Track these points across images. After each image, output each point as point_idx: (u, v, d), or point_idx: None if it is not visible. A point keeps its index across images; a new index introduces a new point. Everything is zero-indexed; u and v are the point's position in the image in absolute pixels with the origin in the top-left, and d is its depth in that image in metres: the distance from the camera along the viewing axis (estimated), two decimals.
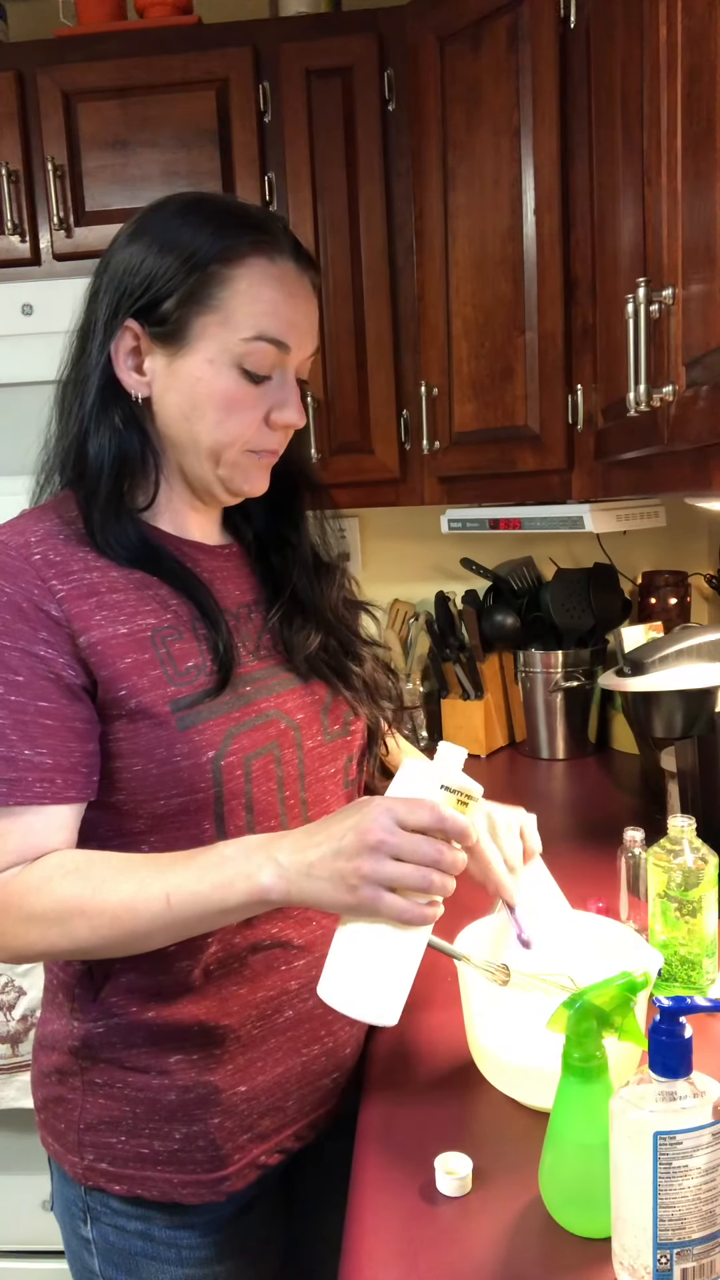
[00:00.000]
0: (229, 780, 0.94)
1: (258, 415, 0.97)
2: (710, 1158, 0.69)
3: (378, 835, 0.79)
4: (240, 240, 0.93)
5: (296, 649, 1.04)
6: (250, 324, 0.93)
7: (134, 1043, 0.97)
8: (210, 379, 0.94)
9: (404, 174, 1.93)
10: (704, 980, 1.11)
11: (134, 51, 1.92)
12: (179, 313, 0.93)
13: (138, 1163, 0.98)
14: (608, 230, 1.44)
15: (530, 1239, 0.80)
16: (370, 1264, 0.79)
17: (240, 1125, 0.99)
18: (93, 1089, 0.99)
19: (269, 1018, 1.00)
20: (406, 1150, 0.90)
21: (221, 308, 0.93)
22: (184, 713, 0.92)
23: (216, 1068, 0.97)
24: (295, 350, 0.97)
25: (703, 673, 1.54)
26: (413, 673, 2.28)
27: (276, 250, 0.95)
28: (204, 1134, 0.97)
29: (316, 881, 0.81)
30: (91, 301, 0.98)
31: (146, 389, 0.96)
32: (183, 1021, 0.96)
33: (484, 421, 1.84)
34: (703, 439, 0.99)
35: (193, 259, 0.92)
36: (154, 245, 0.94)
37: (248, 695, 0.98)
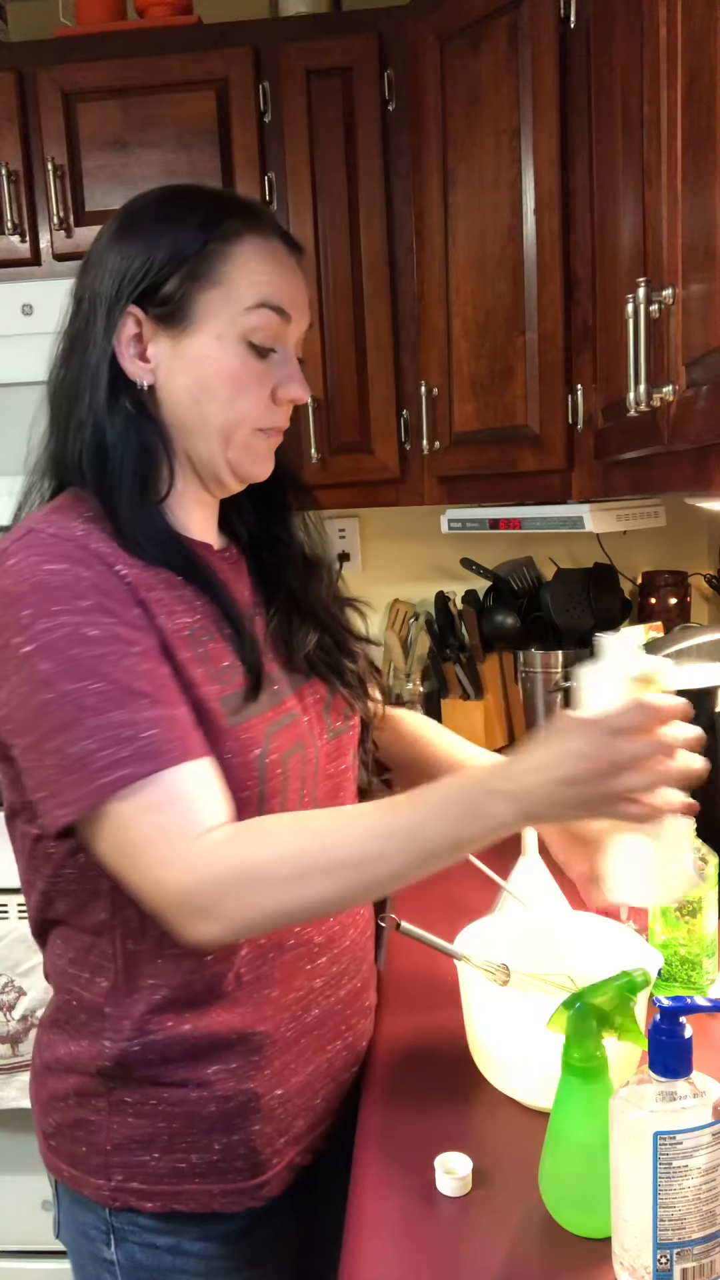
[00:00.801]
0: (271, 778, 0.94)
1: (265, 392, 0.97)
2: (710, 1158, 0.69)
3: (607, 758, 0.81)
4: (235, 219, 0.95)
5: (296, 648, 1.03)
6: (253, 293, 0.94)
7: (171, 1057, 0.95)
8: (218, 356, 0.94)
9: (404, 174, 1.93)
10: (704, 980, 1.11)
11: (134, 51, 1.92)
12: (182, 291, 0.93)
13: (173, 1178, 0.96)
14: (608, 230, 1.44)
15: (530, 1239, 0.80)
16: (370, 1264, 0.79)
17: (278, 1129, 0.98)
18: (120, 1109, 0.96)
19: (299, 1018, 1.00)
20: (406, 1150, 0.90)
21: (224, 281, 0.94)
22: (230, 711, 0.92)
23: (255, 1074, 0.96)
24: (295, 321, 0.98)
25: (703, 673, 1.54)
26: (413, 673, 2.28)
27: (267, 229, 0.97)
28: (244, 1142, 0.96)
29: (556, 809, 0.85)
30: (82, 298, 0.97)
31: (151, 376, 0.95)
32: (220, 1031, 0.95)
33: (484, 421, 1.84)
34: (703, 439, 0.99)
35: (191, 240, 0.93)
36: (147, 233, 0.94)
37: (277, 694, 0.98)
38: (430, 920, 1.00)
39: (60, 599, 0.85)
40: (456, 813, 0.85)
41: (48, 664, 0.84)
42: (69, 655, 0.84)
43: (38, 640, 0.84)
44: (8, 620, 0.86)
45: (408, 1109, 0.97)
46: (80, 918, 0.96)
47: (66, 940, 0.98)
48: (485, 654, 2.18)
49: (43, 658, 0.84)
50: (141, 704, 0.84)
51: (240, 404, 0.96)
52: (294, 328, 0.98)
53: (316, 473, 2.01)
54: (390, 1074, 1.03)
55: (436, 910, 1.15)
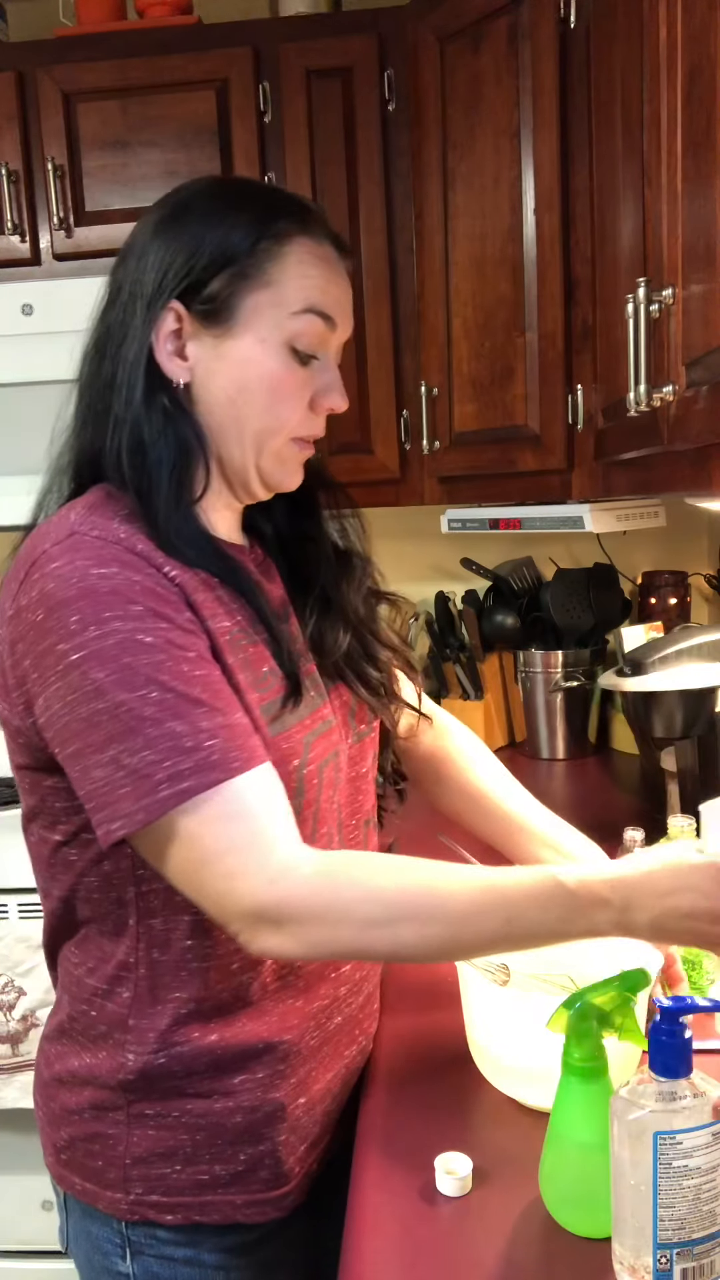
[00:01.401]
0: (309, 789, 0.92)
1: (304, 399, 0.95)
2: (710, 1158, 0.69)
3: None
4: (288, 219, 0.92)
5: (328, 651, 1.01)
6: (302, 297, 0.91)
7: (197, 1069, 0.93)
8: (261, 359, 0.91)
9: (404, 174, 1.93)
10: (704, 980, 1.11)
11: (134, 51, 1.92)
12: (229, 290, 0.90)
13: (195, 1190, 0.94)
14: (608, 230, 1.44)
15: (530, 1239, 0.80)
16: (370, 1264, 0.79)
17: (302, 1137, 0.98)
18: (140, 1121, 0.94)
19: (323, 1025, 0.99)
20: (406, 1150, 0.90)
21: (273, 283, 0.91)
22: (272, 720, 0.90)
23: (281, 1084, 0.95)
24: (339, 328, 0.96)
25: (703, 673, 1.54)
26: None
27: (320, 231, 0.94)
28: (270, 1152, 0.95)
29: (661, 934, 0.85)
30: (120, 289, 0.93)
31: (188, 374, 0.92)
32: (246, 1041, 0.93)
33: (484, 421, 1.84)
34: (703, 439, 0.99)
35: (242, 237, 0.90)
36: (195, 226, 0.91)
37: (313, 700, 0.96)
38: None
39: (111, 605, 0.82)
40: (560, 909, 0.83)
41: (101, 672, 0.81)
42: (123, 663, 0.81)
43: (88, 648, 0.81)
44: (52, 625, 0.82)
45: (408, 1109, 0.97)
46: (102, 926, 0.94)
47: (85, 950, 0.96)
48: (485, 654, 2.18)
49: (95, 665, 0.81)
50: (200, 712, 0.81)
51: (279, 411, 0.93)
52: (338, 335, 0.96)
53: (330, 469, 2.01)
54: (390, 1074, 1.02)
55: None
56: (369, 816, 1.07)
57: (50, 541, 0.85)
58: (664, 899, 0.83)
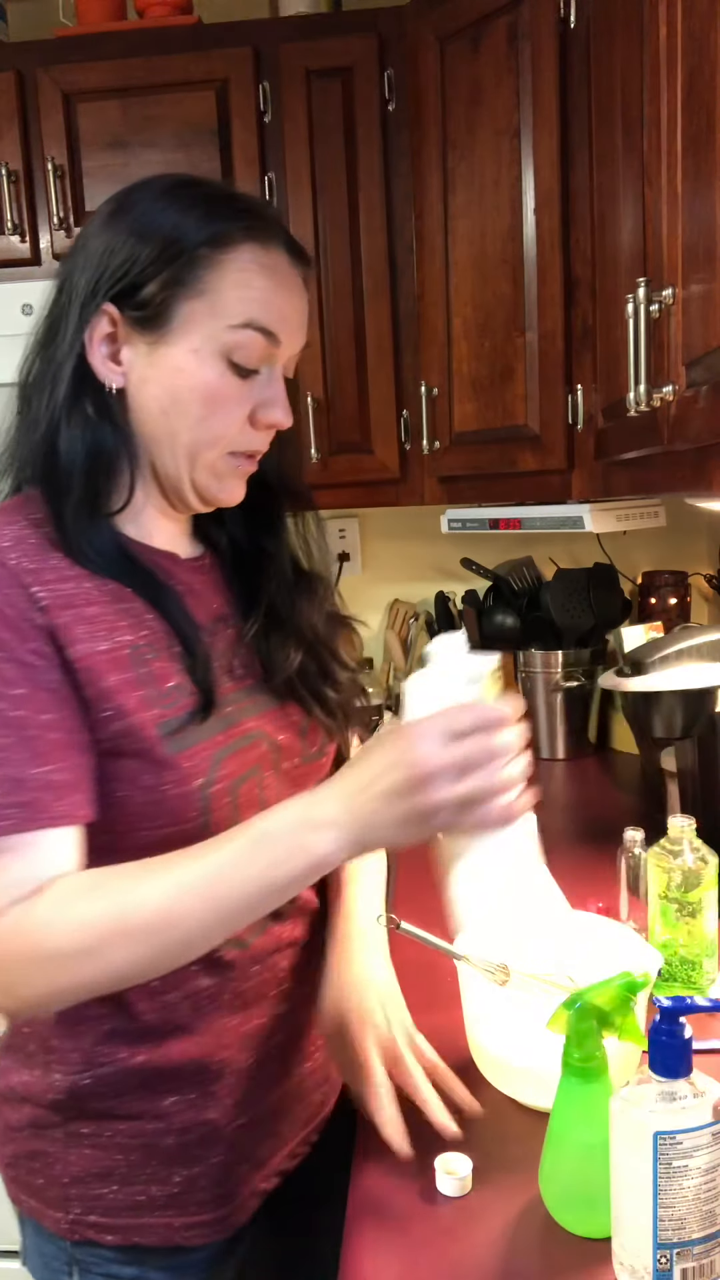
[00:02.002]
0: (216, 809, 0.88)
1: (242, 413, 0.90)
2: (710, 1158, 0.69)
3: (431, 763, 0.74)
4: (233, 225, 0.87)
5: (276, 668, 0.97)
6: (240, 310, 0.87)
7: (124, 1090, 0.90)
8: (193, 370, 0.87)
9: (404, 174, 1.93)
10: (704, 980, 1.11)
11: (134, 51, 1.92)
12: (162, 296, 0.86)
13: (133, 1211, 0.92)
14: (608, 230, 1.44)
15: (530, 1239, 0.80)
16: (370, 1264, 0.79)
17: (240, 1157, 0.95)
18: (76, 1140, 0.92)
19: (262, 1044, 0.96)
20: None
21: (210, 293, 0.86)
22: (171, 737, 0.86)
23: (214, 1104, 0.93)
24: (285, 344, 0.91)
25: (703, 673, 1.54)
26: (413, 673, 2.27)
27: (271, 238, 0.89)
28: (206, 1173, 0.93)
29: (382, 830, 0.76)
30: (63, 287, 0.90)
31: (122, 379, 0.89)
32: (176, 1062, 0.91)
33: (484, 421, 1.84)
34: (703, 439, 0.99)
35: (180, 241, 0.86)
36: (137, 225, 0.87)
37: (231, 716, 0.92)
38: (430, 920, 1.00)
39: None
40: (265, 856, 0.77)
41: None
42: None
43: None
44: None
45: (408, 1109, 0.96)
46: None
47: None
48: None
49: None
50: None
51: (212, 424, 0.89)
52: (284, 349, 0.91)
53: (317, 473, 2.01)
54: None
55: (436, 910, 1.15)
56: None
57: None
58: (372, 787, 0.76)
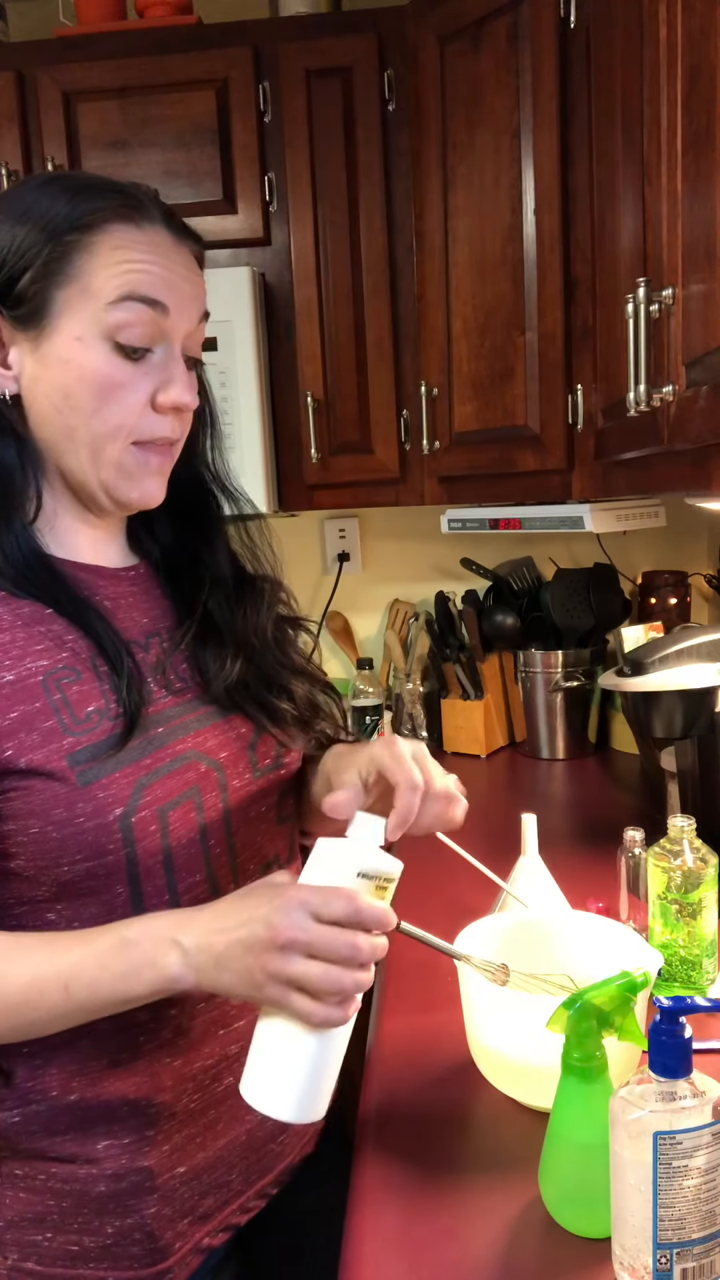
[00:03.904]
0: (142, 838, 0.84)
1: (140, 398, 0.86)
2: (710, 1158, 0.69)
3: (288, 933, 0.73)
4: (101, 206, 0.85)
5: (214, 678, 0.93)
6: (114, 286, 0.84)
7: (56, 1129, 0.87)
8: (79, 359, 0.84)
9: (404, 174, 1.93)
10: (704, 980, 1.11)
11: (134, 51, 1.92)
12: (36, 287, 0.83)
13: (67, 1261, 0.88)
14: (608, 230, 1.44)
15: (530, 1239, 0.80)
16: (370, 1264, 0.79)
17: (180, 1210, 0.90)
18: (12, 1182, 0.88)
19: (207, 1088, 0.91)
20: (406, 1150, 0.90)
21: (81, 276, 0.83)
22: (84, 767, 0.82)
23: (150, 1150, 0.88)
24: (175, 314, 0.86)
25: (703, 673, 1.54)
26: (413, 673, 2.28)
27: (143, 217, 0.86)
28: (139, 1226, 0.88)
29: (225, 974, 0.76)
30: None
31: (14, 384, 0.86)
32: (109, 1101, 0.87)
33: (484, 421, 1.84)
34: (703, 439, 0.99)
35: (48, 229, 0.83)
36: (6, 222, 0.85)
37: (159, 738, 0.87)
38: (430, 920, 1.00)
39: None
40: (122, 963, 0.77)
41: None
42: None
43: None
44: None
45: (407, 1109, 0.97)
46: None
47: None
48: (485, 654, 2.18)
49: None
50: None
51: (107, 414, 0.85)
52: (176, 322, 0.87)
53: (316, 473, 2.01)
54: (390, 1074, 1.02)
55: (436, 910, 1.15)
56: (273, 857, 0.98)
57: None
58: (231, 931, 0.75)
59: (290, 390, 2.01)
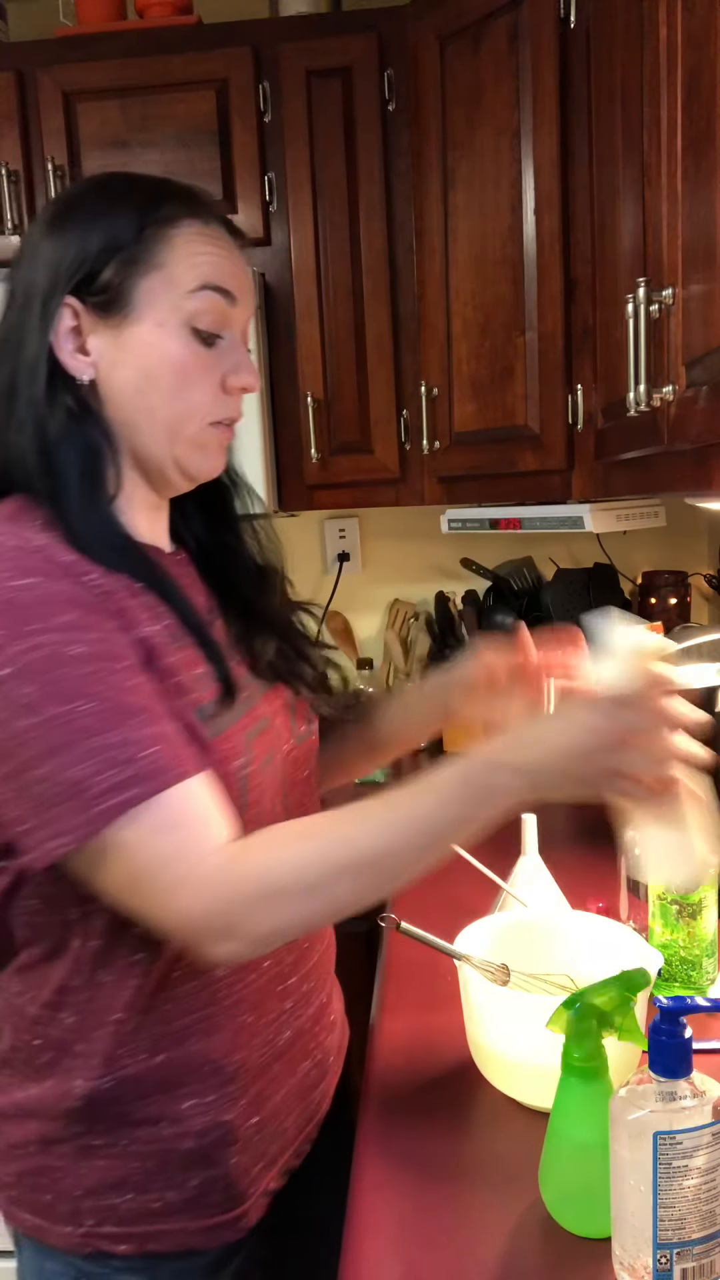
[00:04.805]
0: (253, 789, 0.91)
1: (213, 381, 0.92)
2: (710, 1158, 0.69)
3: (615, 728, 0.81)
4: (171, 203, 0.91)
5: (258, 655, 1.00)
6: (194, 275, 0.90)
7: (145, 1093, 0.91)
8: (162, 343, 0.90)
9: (404, 174, 1.93)
10: (704, 980, 1.11)
11: (134, 51, 1.92)
12: (120, 277, 0.89)
13: (148, 1219, 0.92)
14: (608, 230, 1.44)
15: (530, 1239, 0.80)
16: (370, 1264, 0.79)
17: (253, 1158, 0.95)
18: (89, 1152, 0.92)
19: (272, 1042, 0.97)
20: (406, 1150, 0.91)
21: (164, 265, 0.89)
22: (210, 721, 0.88)
23: (231, 1105, 0.93)
24: (240, 303, 0.94)
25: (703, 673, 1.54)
26: (413, 673, 2.28)
27: (208, 213, 0.93)
28: (223, 1176, 0.93)
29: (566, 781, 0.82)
30: (18, 292, 0.92)
31: (92, 370, 0.90)
32: (193, 1060, 0.91)
33: (484, 421, 1.84)
34: (703, 439, 0.99)
35: (128, 224, 0.89)
36: (82, 220, 0.90)
37: (245, 701, 0.94)
38: (430, 920, 1.00)
39: (36, 617, 0.80)
40: (462, 795, 0.83)
41: (29, 687, 0.78)
42: (52, 676, 0.79)
43: (15, 663, 0.78)
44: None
45: (408, 1109, 0.97)
46: (41, 950, 0.91)
47: (25, 976, 0.92)
48: None
49: (22, 681, 0.78)
50: (135, 722, 0.80)
51: (188, 395, 0.91)
52: (240, 312, 0.94)
53: (316, 473, 2.01)
54: (390, 1074, 1.03)
55: (436, 910, 1.15)
56: None
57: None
58: (555, 742, 0.82)
59: (290, 390, 2.01)
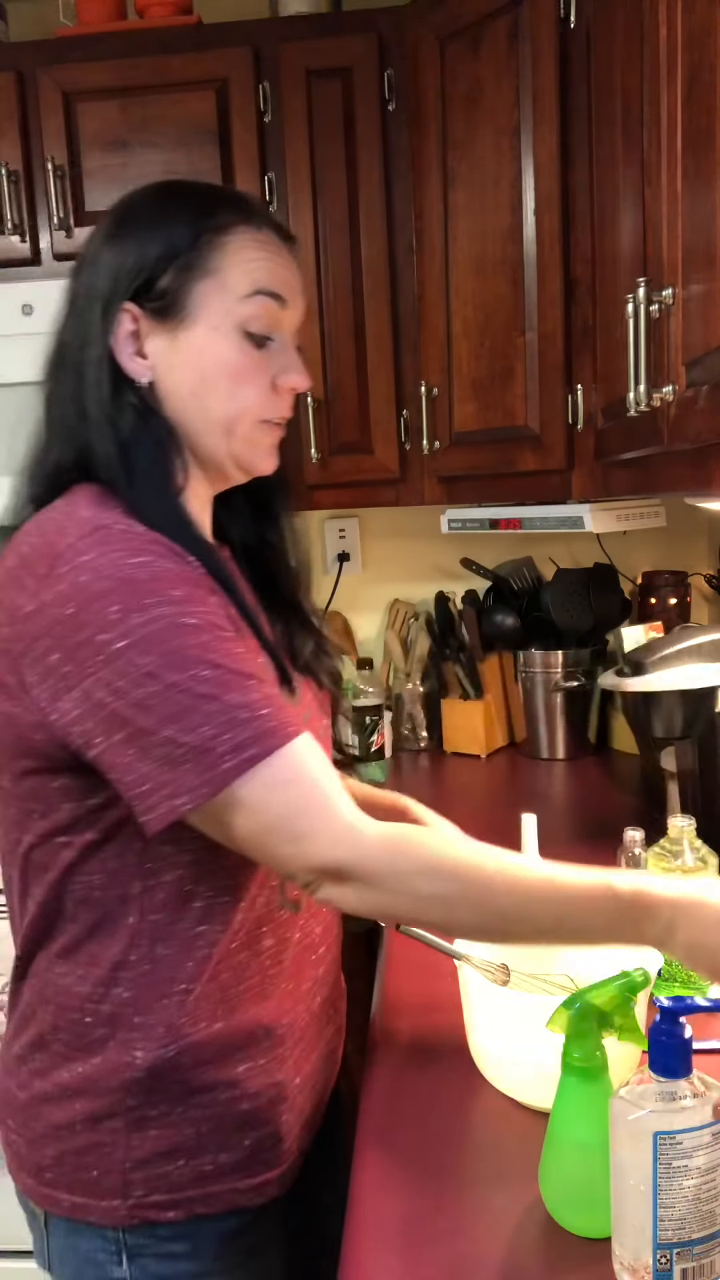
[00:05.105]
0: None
1: (265, 381, 0.97)
2: (710, 1158, 0.69)
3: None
4: (225, 210, 0.96)
5: (297, 652, 1.05)
6: (247, 280, 0.94)
7: (204, 1059, 0.94)
8: (216, 346, 0.94)
9: (404, 174, 1.93)
10: (704, 980, 1.10)
11: (134, 51, 1.92)
12: (177, 284, 0.93)
13: (197, 1182, 0.95)
14: (608, 230, 1.44)
15: (530, 1239, 0.80)
16: (370, 1264, 0.79)
17: (298, 1116, 1.01)
18: (142, 1124, 0.94)
19: (310, 1006, 1.03)
20: (406, 1150, 0.90)
21: (218, 271, 0.94)
22: None
23: (280, 1066, 0.99)
24: (291, 307, 0.98)
25: (703, 673, 1.54)
26: (413, 673, 2.28)
27: (260, 220, 0.97)
28: (272, 1134, 0.98)
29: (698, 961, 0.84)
30: (77, 300, 0.97)
31: (150, 372, 0.95)
32: (249, 1027, 0.96)
33: (484, 421, 1.84)
34: (703, 439, 0.99)
35: (184, 233, 0.94)
36: (140, 229, 0.95)
37: (295, 689, 1.00)
38: None
39: (152, 591, 0.84)
40: (611, 915, 0.85)
41: (149, 656, 0.83)
42: (171, 646, 0.83)
43: (134, 634, 0.83)
44: (89, 618, 0.83)
45: (408, 1109, 0.97)
46: (92, 928, 0.93)
47: (70, 958, 0.94)
48: (485, 654, 2.18)
49: (142, 651, 0.83)
50: (250, 685, 0.84)
51: (240, 394, 0.96)
52: (291, 315, 0.98)
53: (316, 473, 2.01)
54: (390, 1074, 1.03)
55: None
56: None
57: (74, 536, 0.86)
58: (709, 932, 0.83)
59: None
